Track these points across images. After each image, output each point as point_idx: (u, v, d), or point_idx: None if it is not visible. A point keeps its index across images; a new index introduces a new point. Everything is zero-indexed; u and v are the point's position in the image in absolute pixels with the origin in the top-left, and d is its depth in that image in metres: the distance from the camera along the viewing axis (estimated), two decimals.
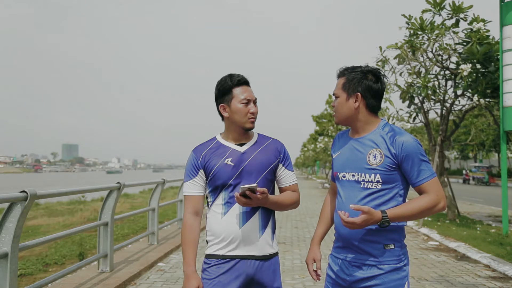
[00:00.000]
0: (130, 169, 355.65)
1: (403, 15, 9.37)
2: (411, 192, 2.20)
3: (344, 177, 1.98)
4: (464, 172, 37.08)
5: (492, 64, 8.67)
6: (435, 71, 9.91)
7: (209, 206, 2.10)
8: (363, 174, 1.90)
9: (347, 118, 1.99)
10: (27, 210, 3.48)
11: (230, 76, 2.06)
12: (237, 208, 2.00)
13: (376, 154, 1.90)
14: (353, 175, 1.94)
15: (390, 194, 1.89)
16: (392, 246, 1.89)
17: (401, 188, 1.91)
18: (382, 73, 1.99)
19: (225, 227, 2.01)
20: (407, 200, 1.95)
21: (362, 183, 1.90)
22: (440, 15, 9.06)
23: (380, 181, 1.87)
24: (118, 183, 5.45)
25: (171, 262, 6.20)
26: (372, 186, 1.89)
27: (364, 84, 1.94)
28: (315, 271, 2.11)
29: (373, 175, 1.88)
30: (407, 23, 9.37)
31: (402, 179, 1.91)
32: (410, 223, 9.89)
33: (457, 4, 8.78)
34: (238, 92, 2.04)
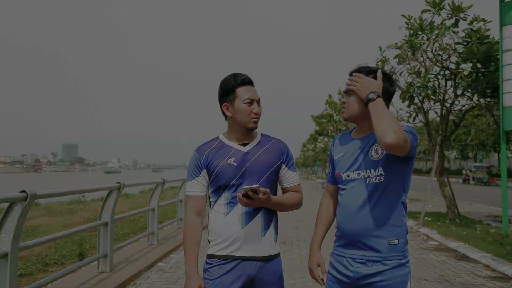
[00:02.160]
0: (130, 169, 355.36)
1: (403, 15, 9.37)
2: (413, 190, 2.20)
3: (348, 176, 1.99)
4: (464, 172, 37.06)
5: (492, 64, 8.67)
6: (435, 71, 9.90)
7: (211, 205, 2.09)
8: (368, 171, 1.93)
9: (358, 116, 1.99)
10: (27, 210, 3.47)
11: (234, 75, 2.04)
12: (239, 209, 1.99)
13: (377, 148, 1.93)
14: (358, 173, 1.95)
15: (393, 185, 1.91)
16: (396, 241, 1.91)
17: (404, 180, 1.94)
18: (395, 76, 2.00)
19: (227, 227, 2.00)
20: (407, 201, 1.96)
21: (368, 179, 1.92)
22: (439, 15, 9.06)
23: (383, 173, 1.90)
24: (118, 183, 5.45)
25: (171, 262, 6.19)
26: (376, 180, 1.91)
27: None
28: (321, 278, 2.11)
29: (377, 169, 1.90)
30: (406, 23, 9.37)
31: (404, 171, 1.93)
32: (410, 223, 9.88)
33: (456, 4, 8.78)
34: (242, 92, 2.03)
